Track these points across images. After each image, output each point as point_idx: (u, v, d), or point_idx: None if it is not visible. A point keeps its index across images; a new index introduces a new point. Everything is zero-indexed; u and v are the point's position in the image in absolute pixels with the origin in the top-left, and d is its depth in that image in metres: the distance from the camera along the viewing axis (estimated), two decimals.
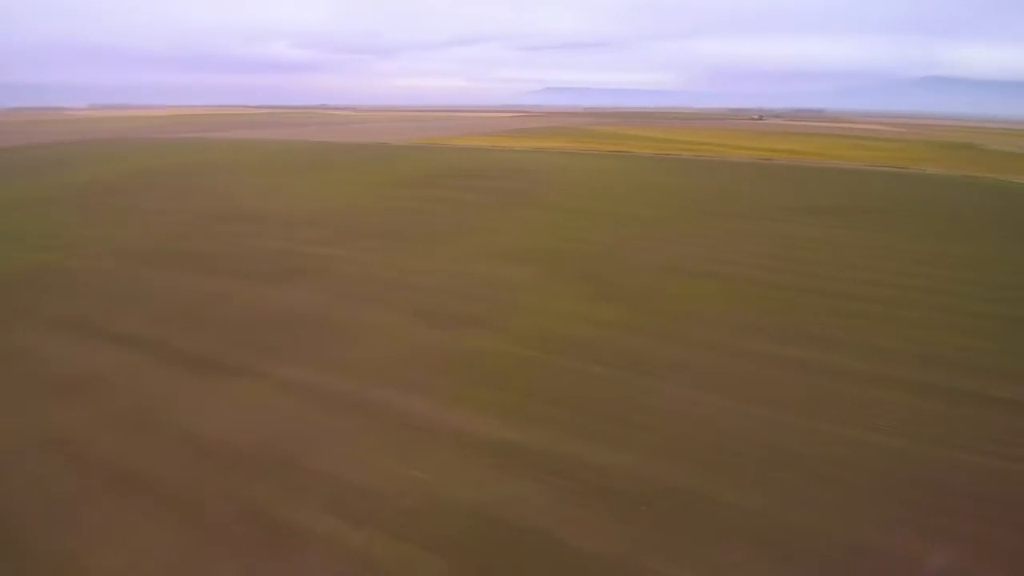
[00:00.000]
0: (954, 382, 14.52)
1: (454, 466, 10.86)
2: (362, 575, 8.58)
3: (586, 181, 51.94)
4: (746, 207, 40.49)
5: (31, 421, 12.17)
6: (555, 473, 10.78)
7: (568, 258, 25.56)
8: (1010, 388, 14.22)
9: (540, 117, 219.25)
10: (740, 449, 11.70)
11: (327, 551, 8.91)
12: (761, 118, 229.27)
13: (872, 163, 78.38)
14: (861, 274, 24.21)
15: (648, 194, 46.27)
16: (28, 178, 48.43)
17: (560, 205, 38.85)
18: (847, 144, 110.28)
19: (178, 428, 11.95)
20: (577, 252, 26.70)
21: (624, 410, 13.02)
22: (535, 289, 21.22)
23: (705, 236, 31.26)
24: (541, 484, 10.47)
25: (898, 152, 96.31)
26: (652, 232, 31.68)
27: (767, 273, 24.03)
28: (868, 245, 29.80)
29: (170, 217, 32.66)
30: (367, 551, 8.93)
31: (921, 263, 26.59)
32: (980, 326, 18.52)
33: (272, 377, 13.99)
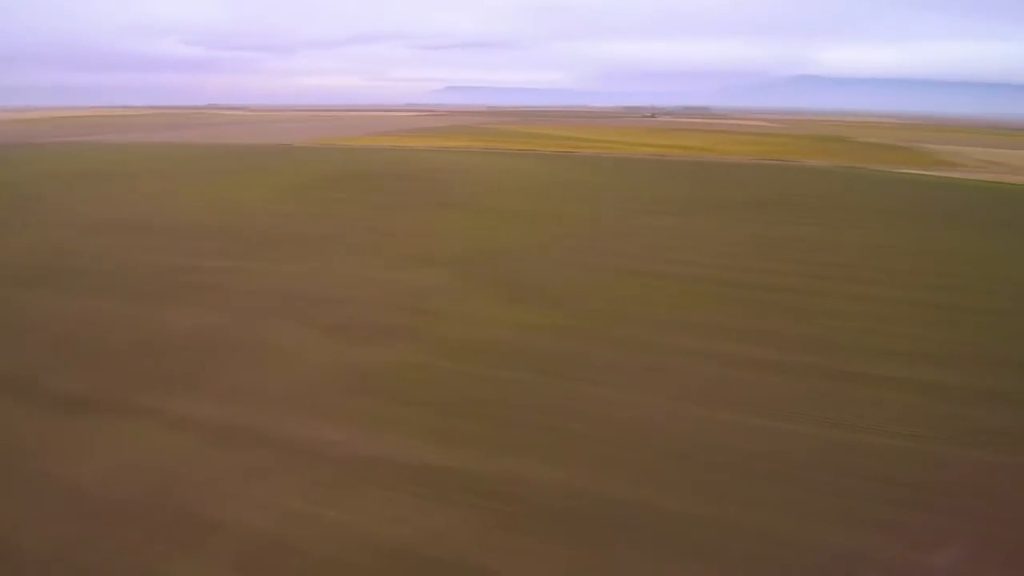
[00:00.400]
0: (872, 368, 14.87)
1: (376, 500, 9.79)
2: None
3: (498, 180, 51.33)
4: (657, 203, 41.18)
5: None
6: (487, 496, 9.95)
7: (488, 260, 24.76)
8: (933, 372, 14.72)
9: (443, 116, 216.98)
10: (686, 453, 11.29)
11: None
12: (654, 116, 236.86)
13: (759, 157, 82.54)
14: (787, 266, 24.69)
15: (561, 192, 46.18)
16: None
17: (474, 205, 37.97)
18: (733, 140, 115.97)
19: (50, 482, 10.16)
20: (497, 253, 25.95)
21: (557, 420, 12.37)
22: (456, 295, 20.27)
23: (618, 232, 31.38)
24: (473, 511, 9.61)
25: (780, 146, 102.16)
26: (572, 231, 31.43)
27: (690, 268, 24.18)
28: (786, 236, 30.80)
29: (47, 231, 29.13)
30: None
31: (818, 251, 27.76)
32: (897, 312, 19.31)
33: (163, 413, 12.29)
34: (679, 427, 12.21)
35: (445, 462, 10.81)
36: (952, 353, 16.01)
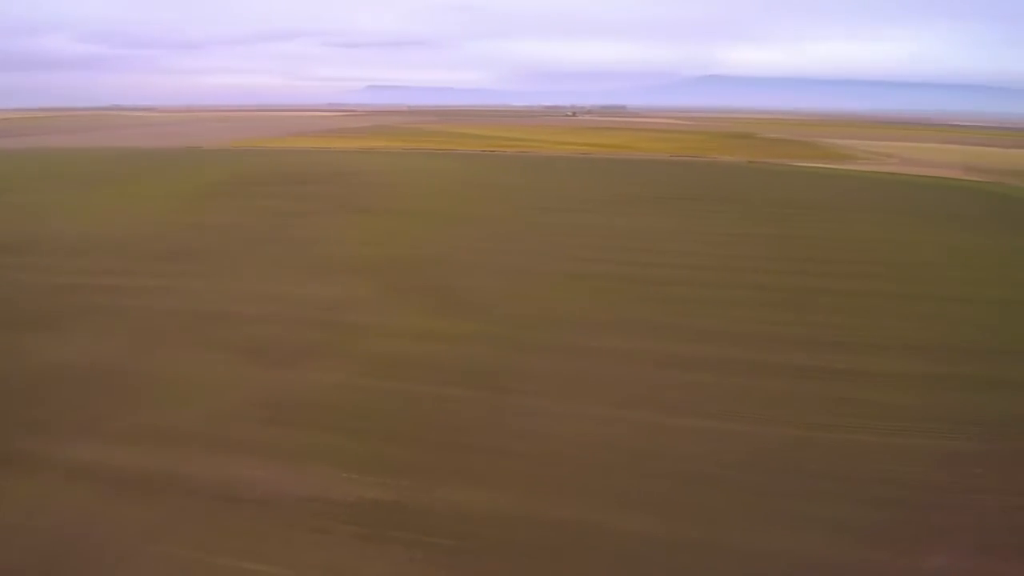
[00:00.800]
0: (802, 360, 15.04)
1: (309, 549, 8.85)
2: None
3: (418, 181, 50.05)
4: (579, 201, 41.17)
5: None
6: (429, 531, 9.23)
7: (408, 267, 23.81)
8: (849, 360, 15.02)
9: (365, 116, 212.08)
10: (626, 464, 10.97)
11: None
12: (575, 115, 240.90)
13: (675, 153, 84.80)
14: (705, 260, 24.97)
15: (482, 192, 45.48)
16: None
17: (393, 209, 36.70)
18: (650, 137, 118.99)
19: None
20: (416, 259, 25.03)
21: (495, 439, 11.77)
22: (377, 307, 19.27)
23: (545, 233, 31.04)
24: (416, 550, 8.86)
25: (692, 143, 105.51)
26: (491, 233, 30.82)
27: (612, 266, 24.05)
28: (700, 231, 31.33)
29: None
30: None
31: (735, 244, 28.35)
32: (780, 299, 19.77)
33: (51, 461, 10.77)
34: (616, 436, 11.85)
35: (382, 495, 9.97)
36: (863, 340, 16.52)
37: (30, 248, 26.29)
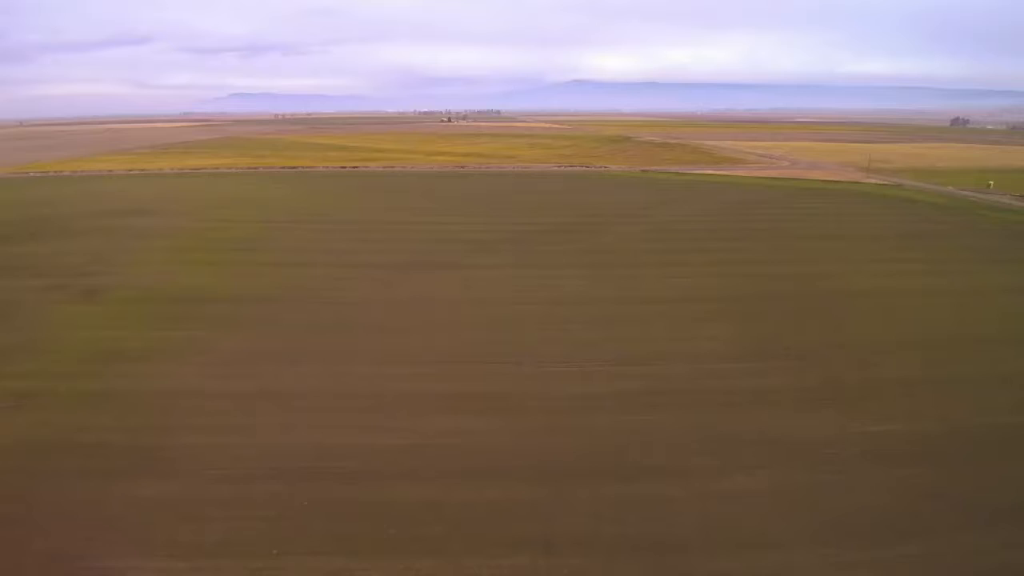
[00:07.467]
0: None
1: None
2: None
3: (218, 227, 33.07)
4: (442, 244, 28.04)
5: None
6: None
7: (89, 471, 9.59)
8: None
9: (220, 126, 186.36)
10: None
11: None
12: (450, 120, 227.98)
13: (558, 162, 73.07)
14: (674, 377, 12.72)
15: (299, 240, 29.84)
16: None
17: (142, 290, 21.32)
18: (527, 143, 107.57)
19: None
20: (114, 447, 10.83)
21: None
22: None
23: (370, 327, 17.90)
24: None
25: (572, 149, 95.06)
26: (278, 338, 16.99)
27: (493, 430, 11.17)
28: (631, 297, 19.04)
29: None
30: None
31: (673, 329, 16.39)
32: None
33: None
34: None
35: None
36: None
37: None
